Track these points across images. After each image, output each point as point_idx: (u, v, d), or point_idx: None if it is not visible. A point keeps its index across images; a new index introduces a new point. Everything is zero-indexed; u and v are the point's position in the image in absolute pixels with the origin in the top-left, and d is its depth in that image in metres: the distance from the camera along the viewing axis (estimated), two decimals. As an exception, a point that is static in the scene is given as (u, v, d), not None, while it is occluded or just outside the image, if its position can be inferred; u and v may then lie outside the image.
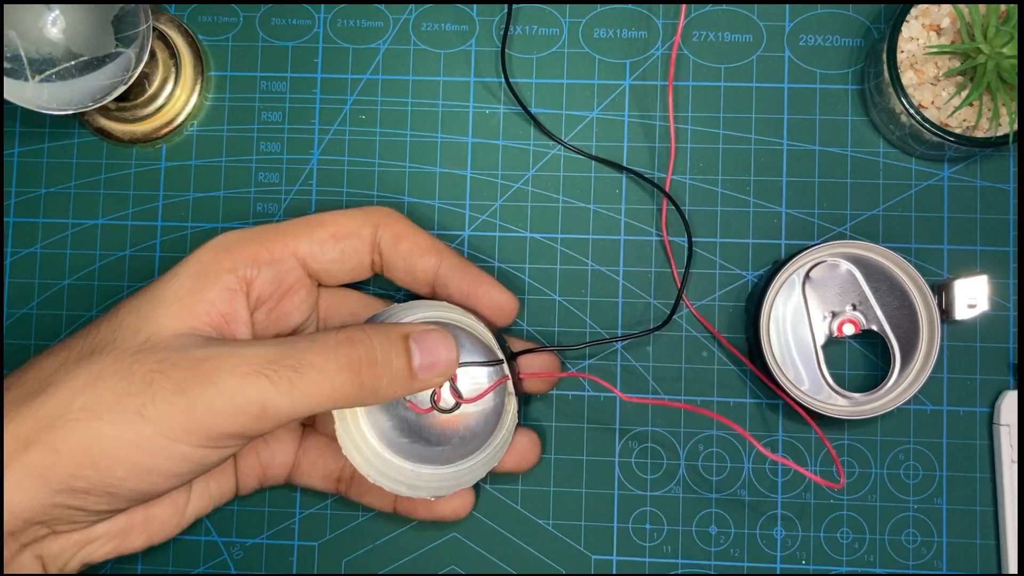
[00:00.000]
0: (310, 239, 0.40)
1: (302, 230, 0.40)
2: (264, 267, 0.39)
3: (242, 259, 0.39)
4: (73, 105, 0.41)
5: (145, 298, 0.37)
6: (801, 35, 0.47)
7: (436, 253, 0.42)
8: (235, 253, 0.39)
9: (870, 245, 0.44)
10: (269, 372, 0.34)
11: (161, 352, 0.35)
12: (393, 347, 0.38)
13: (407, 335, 0.38)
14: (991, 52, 0.41)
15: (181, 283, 0.37)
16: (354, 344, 0.37)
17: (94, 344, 0.36)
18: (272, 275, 0.39)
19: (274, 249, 0.39)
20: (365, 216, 0.41)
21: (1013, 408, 0.45)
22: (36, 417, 0.34)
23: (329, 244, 0.40)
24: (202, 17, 0.49)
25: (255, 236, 0.40)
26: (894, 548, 0.46)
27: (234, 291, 0.38)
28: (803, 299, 0.44)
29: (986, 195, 0.46)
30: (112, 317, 0.37)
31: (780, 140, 0.47)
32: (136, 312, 0.37)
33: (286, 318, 0.41)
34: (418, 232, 0.42)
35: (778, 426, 0.46)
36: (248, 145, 0.48)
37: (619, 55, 0.48)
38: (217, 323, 0.37)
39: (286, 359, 0.35)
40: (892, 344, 0.44)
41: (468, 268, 0.42)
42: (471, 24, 0.48)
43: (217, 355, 0.35)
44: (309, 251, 0.40)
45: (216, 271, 0.38)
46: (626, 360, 0.47)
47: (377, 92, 0.48)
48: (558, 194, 0.47)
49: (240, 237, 0.40)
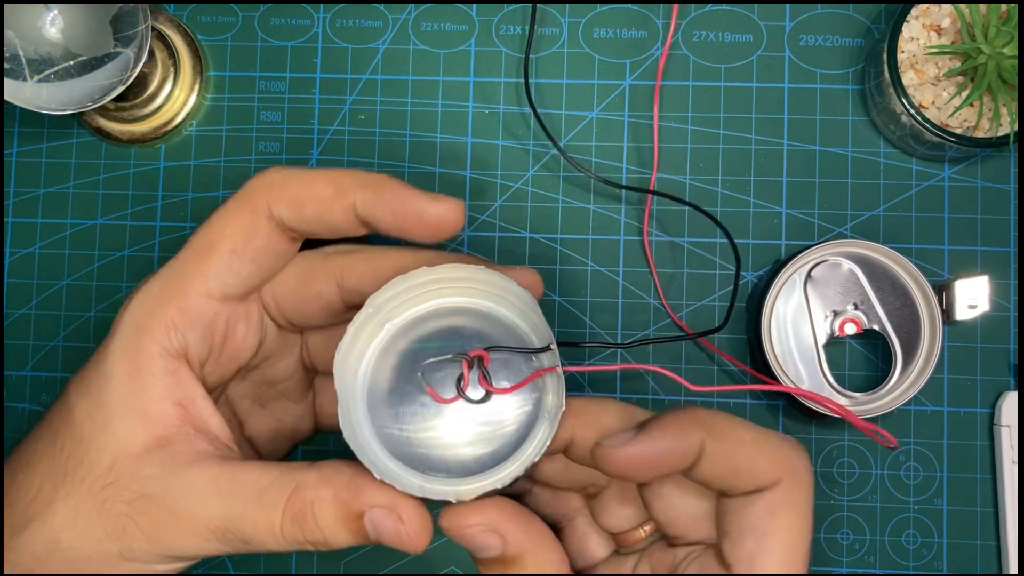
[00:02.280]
0: (213, 270, 0.36)
1: (199, 263, 0.36)
2: (187, 331, 0.35)
3: (162, 335, 0.35)
4: (72, 105, 0.41)
5: (95, 402, 0.35)
6: (801, 35, 0.47)
7: (342, 196, 0.35)
8: (154, 331, 0.35)
9: (872, 244, 0.44)
10: (221, 538, 0.34)
11: (130, 487, 0.34)
12: (342, 527, 0.33)
13: (361, 514, 0.33)
14: (992, 52, 0.41)
15: (122, 388, 0.35)
16: (300, 523, 0.33)
17: (64, 466, 0.35)
18: (201, 333, 0.36)
19: (186, 306, 0.35)
20: (249, 203, 0.36)
21: (1013, 409, 0.45)
22: (31, 552, 0.35)
23: (235, 262, 0.36)
24: (201, 17, 0.49)
25: (162, 298, 0.36)
26: (894, 549, 0.45)
27: (175, 373, 0.35)
28: (804, 298, 0.44)
29: (987, 195, 0.46)
30: (67, 418, 0.36)
31: (780, 140, 0.47)
32: (92, 421, 0.35)
33: (235, 357, 0.38)
34: (312, 182, 0.36)
35: (778, 427, 0.46)
36: (247, 145, 0.48)
37: (619, 55, 0.48)
38: (175, 418, 0.35)
39: (235, 529, 0.34)
40: (893, 344, 0.44)
41: (383, 195, 0.36)
42: (471, 24, 0.48)
43: (177, 508, 0.34)
44: (221, 284, 0.36)
45: (148, 364, 0.35)
46: (626, 360, 0.46)
47: (376, 92, 0.48)
48: (558, 194, 0.47)
49: (149, 307, 0.36)
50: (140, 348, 0.35)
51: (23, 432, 0.38)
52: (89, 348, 0.47)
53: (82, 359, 0.37)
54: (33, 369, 0.48)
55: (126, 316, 0.36)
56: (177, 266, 0.36)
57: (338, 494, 0.33)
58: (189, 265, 0.36)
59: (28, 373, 0.48)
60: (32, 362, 0.48)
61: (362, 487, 0.33)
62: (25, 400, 0.48)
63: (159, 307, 0.36)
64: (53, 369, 0.48)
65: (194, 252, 0.36)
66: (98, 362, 0.36)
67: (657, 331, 0.46)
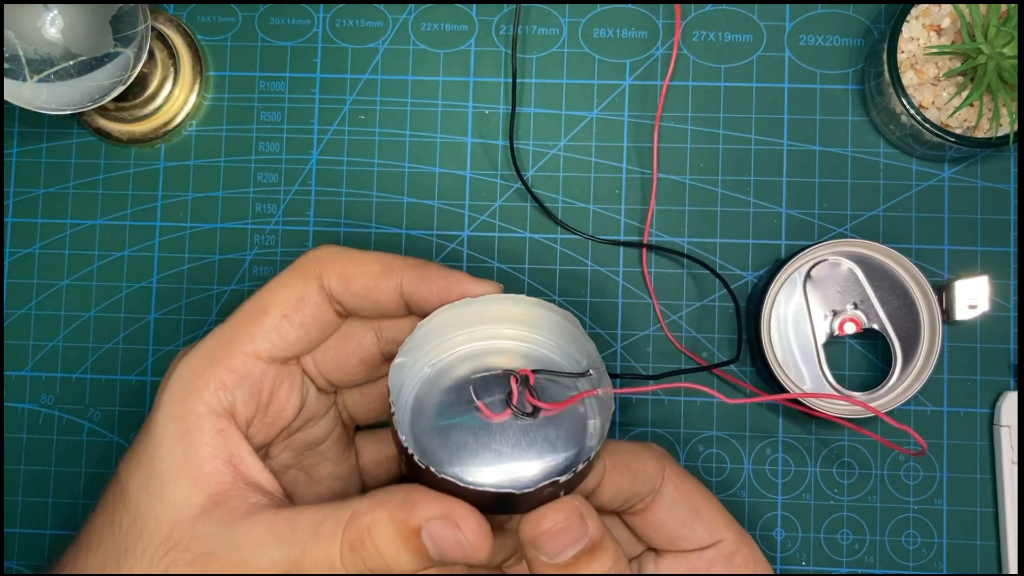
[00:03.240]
0: (263, 332, 0.37)
1: (250, 326, 0.37)
2: (235, 390, 0.36)
3: (210, 395, 0.36)
4: (71, 105, 0.41)
5: (147, 473, 0.36)
6: (801, 35, 0.47)
7: (390, 274, 0.37)
8: (202, 392, 0.36)
9: (872, 244, 0.44)
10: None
11: (191, 549, 0.35)
12: (402, 548, 0.33)
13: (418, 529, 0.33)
14: (991, 52, 0.41)
15: (173, 453, 0.35)
16: (359, 551, 0.33)
17: (124, 543, 0.35)
18: (248, 392, 0.37)
19: (235, 365, 0.36)
20: (303, 273, 0.38)
21: (1013, 409, 0.45)
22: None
23: (284, 326, 0.37)
24: (201, 17, 0.49)
25: (210, 359, 0.37)
26: (894, 549, 0.45)
27: (223, 431, 0.36)
28: (804, 298, 0.44)
29: (986, 195, 0.46)
30: (121, 497, 0.36)
31: (780, 140, 0.47)
32: (147, 493, 0.35)
33: (279, 417, 0.39)
34: (362, 260, 0.38)
35: (778, 427, 0.46)
36: (247, 145, 0.48)
37: (619, 55, 0.48)
38: (228, 475, 0.36)
39: (297, 570, 0.34)
40: (893, 343, 0.44)
41: (428, 274, 0.38)
42: (471, 24, 0.48)
43: (239, 560, 0.34)
44: (269, 345, 0.37)
45: (197, 424, 0.36)
46: (626, 361, 0.47)
47: (376, 92, 0.48)
48: (558, 194, 0.47)
49: (196, 369, 0.36)
50: (188, 410, 0.36)
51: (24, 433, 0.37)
52: (89, 348, 0.48)
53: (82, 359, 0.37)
54: (33, 369, 0.48)
55: (173, 379, 0.37)
56: (227, 330, 0.37)
57: (393, 514, 0.33)
58: (239, 329, 0.37)
59: (28, 373, 0.48)
60: (32, 362, 0.48)
61: (416, 502, 0.33)
62: (25, 400, 0.48)
63: (207, 368, 0.36)
64: (53, 369, 0.48)
65: (246, 315, 0.37)
66: (146, 431, 0.36)
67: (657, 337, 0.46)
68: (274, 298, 0.37)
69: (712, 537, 0.39)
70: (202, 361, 0.37)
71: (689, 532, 0.39)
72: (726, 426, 0.46)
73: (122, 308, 0.48)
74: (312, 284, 0.37)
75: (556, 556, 0.34)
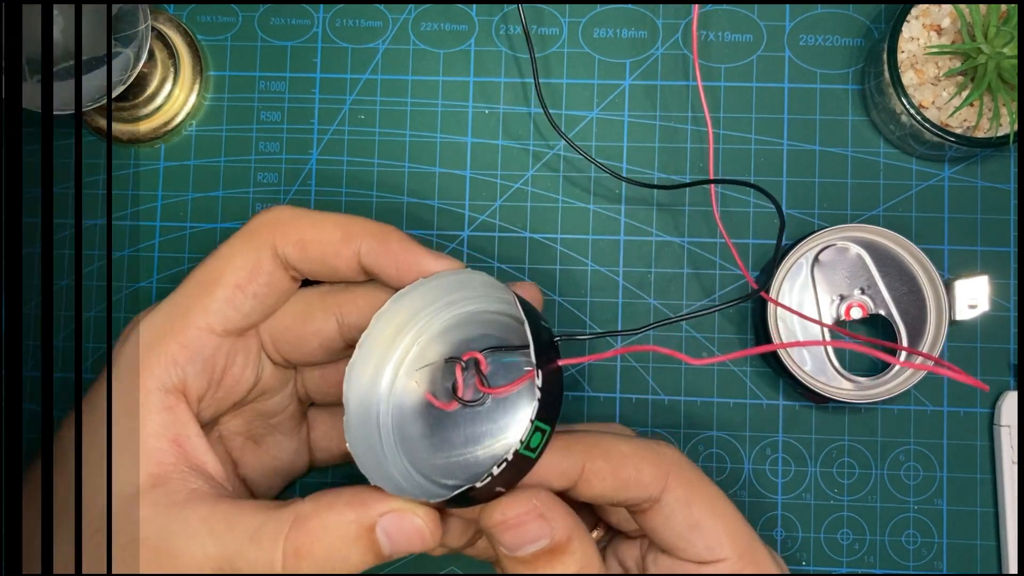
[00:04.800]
0: (216, 304, 0.36)
1: (203, 297, 0.36)
2: (187, 365, 0.35)
3: (161, 371, 0.35)
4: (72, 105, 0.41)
5: (89, 444, 0.35)
6: (801, 35, 0.47)
7: (349, 241, 0.36)
8: (153, 367, 0.35)
9: (880, 229, 0.44)
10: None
11: (124, 532, 0.34)
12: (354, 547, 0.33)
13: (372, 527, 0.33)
14: (992, 52, 0.41)
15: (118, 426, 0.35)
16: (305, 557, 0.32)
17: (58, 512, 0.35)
18: (200, 367, 0.36)
19: (187, 340, 0.35)
20: (256, 239, 0.36)
21: (1013, 409, 0.45)
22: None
23: (238, 297, 0.36)
24: (201, 17, 0.49)
25: (162, 331, 0.36)
26: (894, 549, 0.45)
27: (171, 408, 0.35)
28: (811, 282, 0.44)
29: (986, 195, 0.46)
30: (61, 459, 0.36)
31: (780, 140, 0.47)
32: (87, 463, 0.35)
33: (232, 392, 0.38)
34: (320, 224, 0.36)
35: (779, 427, 0.46)
36: (247, 145, 0.48)
37: (619, 55, 0.48)
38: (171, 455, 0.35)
39: (232, 569, 0.33)
40: (899, 329, 0.44)
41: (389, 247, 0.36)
42: (471, 24, 0.48)
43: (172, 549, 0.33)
44: (222, 318, 0.36)
45: (145, 400, 0.35)
46: (625, 361, 0.46)
47: (376, 92, 0.48)
48: (558, 194, 0.47)
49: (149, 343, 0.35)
50: (138, 385, 0.35)
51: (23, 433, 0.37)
52: (88, 348, 0.47)
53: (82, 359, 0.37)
54: (33, 369, 0.48)
55: (126, 350, 0.36)
56: (180, 300, 0.36)
57: (343, 515, 0.33)
58: (192, 299, 0.36)
59: (28, 373, 0.48)
60: (32, 362, 0.48)
61: (367, 499, 0.33)
62: (25, 400, 0.48)
63: (159, 342, 0.35)
64: (53, 369, 0.48)
65: (197, 285, 0.36)
66: (94, 401, 0.36)
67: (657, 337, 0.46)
68: (227, 265, 0.36)
69: (711, 555, 0.36)
70: (155, 334, 0.36)
71: (686, 546, 0.36)
72: (726, 426, 0.46)
73: (122, 308, 0.48)
74: (266, 251, 0.36)
75: (514, 550, 0.33)
